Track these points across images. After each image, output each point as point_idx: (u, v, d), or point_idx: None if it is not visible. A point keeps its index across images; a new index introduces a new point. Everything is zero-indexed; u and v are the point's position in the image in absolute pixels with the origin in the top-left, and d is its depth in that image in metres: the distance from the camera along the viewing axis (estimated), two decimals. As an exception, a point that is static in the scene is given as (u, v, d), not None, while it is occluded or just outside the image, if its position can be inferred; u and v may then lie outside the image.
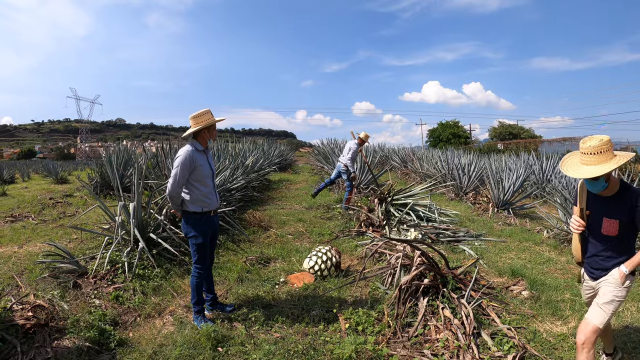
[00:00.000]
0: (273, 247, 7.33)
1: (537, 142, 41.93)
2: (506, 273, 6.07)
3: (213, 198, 4.47)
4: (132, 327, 4.42)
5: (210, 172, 4.45)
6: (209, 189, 4.41)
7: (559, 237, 7.96)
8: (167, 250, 6.01)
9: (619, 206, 3.03)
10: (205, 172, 4.35)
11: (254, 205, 11.08)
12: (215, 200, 4.51)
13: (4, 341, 3.69)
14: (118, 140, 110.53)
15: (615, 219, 3.04)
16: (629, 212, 2.99)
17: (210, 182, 4.45)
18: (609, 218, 3.07)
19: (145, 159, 9.69)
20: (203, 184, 4.34)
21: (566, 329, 4.43)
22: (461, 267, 5.46)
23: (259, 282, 5.64)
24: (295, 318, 4.61)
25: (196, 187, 4.31)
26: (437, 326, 4.25)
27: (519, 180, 11.42)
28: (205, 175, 4.36)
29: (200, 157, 4.33)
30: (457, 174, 13.94)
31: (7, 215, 9.08)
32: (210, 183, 4.44)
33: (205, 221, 4.39)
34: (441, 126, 57.84)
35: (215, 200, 4.52)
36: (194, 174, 4.27)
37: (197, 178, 4.30)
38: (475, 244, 7.65)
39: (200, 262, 4.43)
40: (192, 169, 4.25)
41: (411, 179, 17.96)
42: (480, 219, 10.15)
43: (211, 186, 4.45)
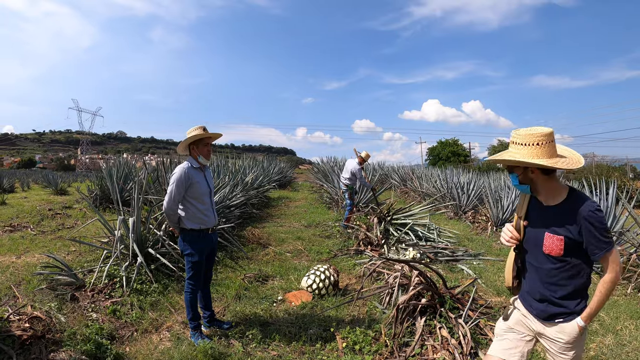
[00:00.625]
0: (271, 264, 7.32)
1: (537, 161, 41.98)
2: (504, 292, 6.06)
3: (210, 215, 4.45)
4: (129, 342, 4.41)
5: (208, 190, 4.44)
6: (206, 206, 4.39)
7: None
8: (166, 266, 6.01)
9: (564, 219, 2.36)
10: (201, 190, 4.33)
11: (253, 222, 11.09)
12: (213, 218, 4.50)
13: (0, 351, 3.69)
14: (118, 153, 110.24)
15: (559, 235, 2.36)
16: (577, 229, 2.32)
17: (208, 199, 4.43)
18: (551, 233, 2.39)
19: (145, 173, 9.72)
20: (200, 201, 4.33)
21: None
22: (459, 286, 5.45)
23: (257, 300, 5.63)
24: (292, 336, 4.60)
25: (192, 204, 4.29)
26: (434, 346, 4.24)
27: (519, 198, 11.42)
28: (202, 192, 4.34)
29: (197, 174, 4.33)
30: (456, 193, 13.97)
31: (6, 225, 9.09)
32: (208, 200, 4.43)
33: (203, 239, 4.38)
34: (440, 144, 57.98)
35: (213, 217, 4.50)
36: (190, 191, 4.26)
37: (194, 195, 4.29)
38: (473, 263, 7.65)
39: (194, 279, 4.41)
40: (188, 186, 4.24)
41: (410, 197, 17.99)
42: (479, 238, 10.15)
43: (208, 203, 4.43)
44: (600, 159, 34.33)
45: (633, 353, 4.21)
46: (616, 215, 7.48)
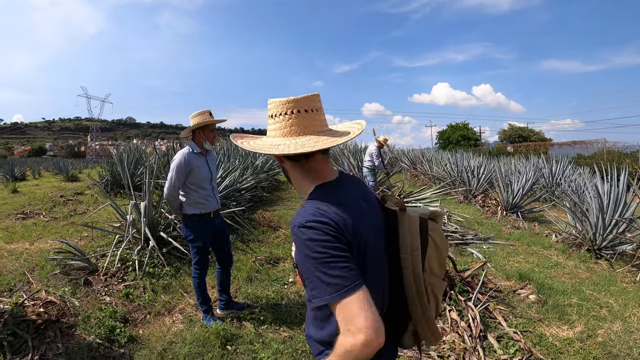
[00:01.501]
0: (282, 247, 7.38)
1: (547, 145, 41.69)
2: (514, 276, 6.07)
3: (212, 200, 4.42)
4: (142, 325, 4.48)
5: (209, 175, 4.39)
6: (207, 191, 4.37)
7: (568, 242, 7.94)
8: (177, 249, 6.07)
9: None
10: (202, 175, 4.30)
11: (264, 205, 11.13)
12: (215, 202, 4.47)
13: (16, 336, 3.76)
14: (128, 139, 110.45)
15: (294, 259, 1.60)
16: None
17: (209, 184, 4.39)
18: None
19: (155, 158, 9.77)
20: (200, 186, 4.30)
21: (572, 333, 4.44)
22: (469, 270, 5.47)
23: (268, 282, 5.69)
24: (303, 318, 4.64)
25: (193, 189, 4.27)
26: (443, 328, 4.27)
27: (529, 183, 11.37)
28: (203, 178, 4.31)
29: (198, 159, 4.30)
30: (467, 177, 13.91)
31: (18, 212, 9.18)
32: (209, 186, 4.39)
33: (204, 223, 4.36)
34: (451, 128, 57.70)
35: (215, 202, 4.47)
36: (190, 176, 4.24)
37: (194, 181, 4.26)
38: (483, 247, 7.66)
39: (199, 264, 4.43)
40: (188, 172, 4.22)
41: (420, 180, 17.96)
42: (489, 222, 10.13)
43: (209, 189, 4.40)
44: (612, 145, 33.98)
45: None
46: (627, 202, 7.43)
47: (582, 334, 4.40)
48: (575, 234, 7.78)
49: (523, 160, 18.61)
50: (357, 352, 1.31)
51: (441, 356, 3.88)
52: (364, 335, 1.28)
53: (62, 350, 3.74)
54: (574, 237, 7.80)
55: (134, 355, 3.84)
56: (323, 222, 1.40)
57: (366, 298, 1.34)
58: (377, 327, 1.31)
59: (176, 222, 6.55)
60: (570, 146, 38.58)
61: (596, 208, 7.32)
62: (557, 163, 15.76)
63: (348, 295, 1.32)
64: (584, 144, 37.73)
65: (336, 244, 1.38)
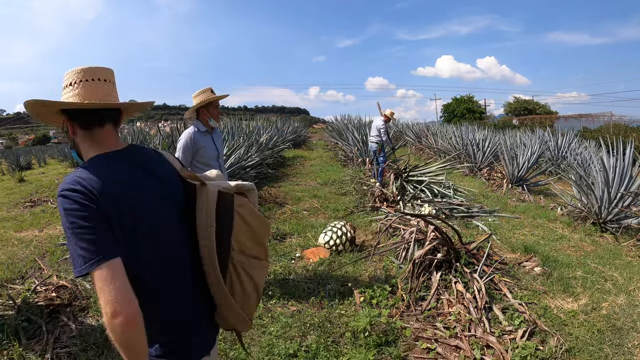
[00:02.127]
0: (289, 223, 7.45)
1: (553, 118, 41.40)
2: (519, 249, 6.12)
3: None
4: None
5: (216, 154, 4.38)
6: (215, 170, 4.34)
7: (573, 215, 7.96)
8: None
9: None
10: (209, 154, 4.29)
11: (269, 182, 11.19)
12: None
13: (30, 322, 3.85)
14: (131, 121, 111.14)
15: None
16: None
17: (216, 162, 4.36)
18: None
19: (160, 139, 9.80)
20: (207, 165, 4.24)
21: (577, 306, 4.48)
22: (474, 242, 5.52)
23: (276, 257, 5.76)
24: (311, 292, 4.72)
25: (200, 168, 4.21)
26: (449, 300, 4.34)
27: (534, 156, 11.37)
28: (209, 156, 4.30)
29: (204, 138, 4.28)
30: (472, 150, 13.92)
31: (26, 201, 9.29)
32: (216, 164, 4.35)
33: None
34: (455, 101, 57.28)
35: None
36: (197, 155, 4.23)
37: (201, 160, 4.24)
38: (488, 219, 7.70)
39: None
40: (195, 151, 4.20)
41: (425, 154, 17.96)
42: (494, 195, 10.17)
43: (217, 167, 4.32)
44: (618, 119, 33.70)
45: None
46: (632, 176, 7.40)
47: (586, 307, 4.44)
48: (581, 207, 7.80)
49: (528, 133, 18.54)
50: (115, 329, 1.28)
51: (447, 327, 3.95)
52: (110, 309, 1.27)
53: (75, 333, 3.81)
54: (580, 210, 7.82)
55: (146, 333, 3.92)
56: (75, 190, 1.35)
57: (113, 272, 1.31)
58: (122, 299, 1.29)
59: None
60: (576, 119, 38.33)
61: (602, 181, 7.32)
62: (562, 136, 15.72)
63: (95, 268, 1.29)
64: (590, 117, 37.47)
65: (85, 213, 1.33)
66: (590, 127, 32.36)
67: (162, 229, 1.55)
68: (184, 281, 1.61)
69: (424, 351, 3.68)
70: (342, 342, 3.75)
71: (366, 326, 3.74)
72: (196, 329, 1.63)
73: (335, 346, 3.63)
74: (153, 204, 1.54)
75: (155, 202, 1.56)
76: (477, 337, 3.77)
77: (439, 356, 3.61)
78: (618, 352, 3.65)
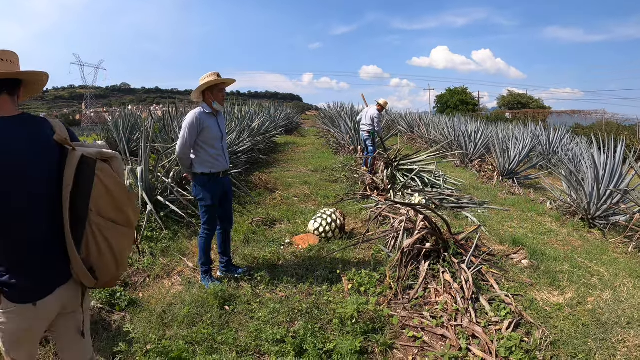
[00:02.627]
0: (279, 208, 7.44)
1: (546, 113, 41.55)
2: (507, 241, 6.15)
3: (222, 160, 4.47)
4: (142, 288, 4.55)
5: (219, 135, 4.45)
6: (218, 150, 4.42)
7: (562, 209, 8.01)
8: (175, 213, 6.12)
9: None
10: (212, 134, 4.36)
11: (260, 167, 11.18)
12: (225, 162, 4.51)
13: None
14: (123, 105, 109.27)
15: None
16: None
17: (219, 144, 4.44)
18: None
19: (151, 122, 9.75)
20: (211, 145, 4.36)
21: (563, 299, 4.52)
22: (463, 233, 5.54)
23: (265, 243, 5.76)
24: (299, 278, 4.73)
25: (204, 148, 4.33)
26: (437, 289, 4.36)
27: (525, 150, 11.42)
28: (213, 137, 4.37)
29: (209, 119, 4.35)
30: (464, 141, 13.95)
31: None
32: (219, 145, 4.44)
33: (214, 183, 4.42)
34: (449, 92, 57.29)
35: (224, 162, 4.51)
36: (201, 135, 4.31)
37: (205, 140, 4.32)
38: (478, 211, 7.73)
39: (208, 224, 4.50)
40: (200, 131, 4.28)
41: (417, 144, 17.99)
42: (485, 187, 10.21)
43: (220, 148, 4.45)
44: (611, 117, 33.87)
45: (629, 310, 4.28)
46: (622, 173, 7.46)
47: (572, 301, 4.48)
48: (570, 202, 7.86)
49: (521, 127, 18.60)
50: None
51: (434, 316, 3.98)
52: None
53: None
54: (569, 205, 7.88)
55: (135, 318, 3.91)
56: None
57: None
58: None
59: (184, 181, 6.60)
60: (569, 115, 38.49)
61: (592, 178, 7.36)
62: (555, 131, 15.81)
63: None
64: (583, 113, 37.65)
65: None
66: (582, 124, 32.52)
67: (29, 182, 1.81)
68: (37, 230, 1.86)
69: (410, 339, 3.70)
70: (329, 329, 3.76)
71: (354, 313, 3.75)
72: (38, 270, 1.87)
73: (323, 332, 3.64)
74: (29, 167, 1.81)
75: (30, 164, 1.82)
76: (464, 327, 3.79)
77: (425, 345, 3.64)
78: (602, 346, 3.69)
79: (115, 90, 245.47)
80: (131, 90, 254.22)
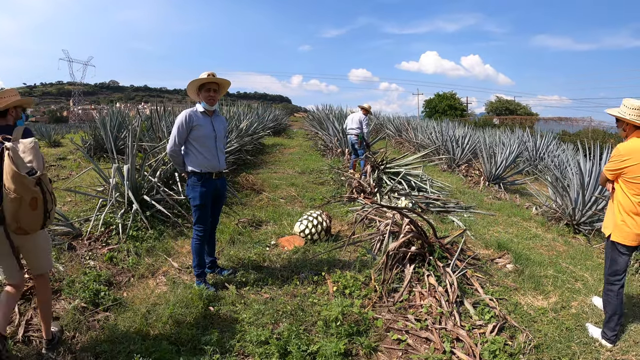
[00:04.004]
0: (265, 210, 7.43)
1: (533, 120, 41.87)
2: (492, 246, 6.18)
3: (214, 160, 4.41)
4: (126, 287, 4.51)
5: (212, 134, 4.40)
6: (209, 149, 4.36)
7: (547, 215, 8.08)
8: (161, 212, 6.07)
9: None
10: (204, 133, 4.32)
11: (248, 168, 11.15)
12: (217, 163, 4.44)
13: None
14: (111, 102, 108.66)
15: None
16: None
17: (212, 143, 4.39)
18: None
19: (139, 121, 9.68)
20: (201, 144, 4.31)
21: (547, 303, 4.55)
22: (449, 237, 5.56)
23: (250, 244, 5.75)
24: (284, 280, 4.73)
25: (195, 147, 4.31)
26: (421, 293, 4.37)
27: (512, 155, 11.49)
28: (205, 135, 4.33)
29: (202, 118, 4.35)
30: (451, 146, 14.01)
31: (1, 179, 9.06)
32: (212, 144, 4.39)
33: (205, 182, 4.36)
34: (438, 97, 57.53)
35: (217, 162, 4.44)
36: (192, 133, 4.29)
37: (195, 138, 4.30)
38: (464, 215, 7.76)
39: (200, 224, 4.45)
40: (190, 129, 4.27)
41: (405, 148, 18.02)
42: (471, 192, 10.26)
43: (213, 147, 4.40)
44: (597, 124, 34.15)
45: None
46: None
47: (556, 305, 4.52)
48: (555, 208, 7.91)
49: (508, 132, 18.74)
50: None
51: (418, 319, 3.98)
52: None
53: (48, 316, 3.77)
54: (554, 211, 7.94)
55: (119, 318, 3.87)
56: None
57: None
58: None
59: (171, 181, 6.56)
60: (556, 122, 38.80)
61: (577, 184, 7.42)
62: (541, 138, 15.94)
63: None
64: (570, 121, 37.97)
65: None
66: (569, 131, 32.79)
67: None
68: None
69: (394, 342, 3.71)
70: (313, 331, 3.76)
71: (338, 315, 3.75)
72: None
73: (307, 334, 3.63)
74: None
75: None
76: (448, 330, 3.81)
77: (409, 347, 3.64)
78: (585, 350, 3.72)
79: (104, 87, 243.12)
80: (119, 87, 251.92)
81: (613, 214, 3.83)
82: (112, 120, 11.38)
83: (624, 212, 3.72)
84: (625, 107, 3.74)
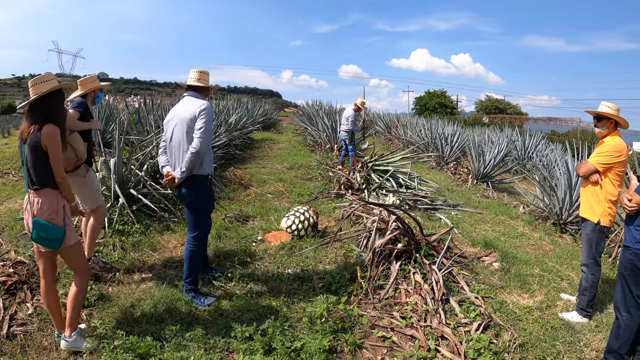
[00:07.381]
0: (252, 205, 7.40)
1: (523, 119, 42.18)
2: (479, 244, 6.20)
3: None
4: (112, 282, 4.45)
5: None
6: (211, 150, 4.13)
7: (535, 214, 8.12)
8: (147, 206, 6.01)
9: None
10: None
11: (236, 163, 11.11)
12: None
13: (-14, 297, 3.74)
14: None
15: None
16: None
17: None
18: None
19: (127, 114, 9.60)
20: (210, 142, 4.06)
21: (532, 302, 4.57)
22: (435, 234, 5.57)
23: (237, 240, 5.72)
24: (270, 276, 4.71)
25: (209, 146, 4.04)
26: (407, 290, 4.37)
27: (501, 154, 11.53)
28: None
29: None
30: (440, 143, 14.04)
31: (-14, 173, 8.94)
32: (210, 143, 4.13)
33: (210, 183, 4.16)
34: (428, 95, 57.75)
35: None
36: None
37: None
38: (451, 213, 7.78)
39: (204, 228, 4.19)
40: None
41: (394, 145, 18.06)
42: (459, 190, 10.29)
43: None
44: (586, 125, 34.47)
45: (597, 314, 4.36)
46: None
47: (542, 304, 4.54)
48: (543, 207, 7.96)
49: (497, 131, 18.80)
50: None
51: (403, 317, 3.98)
52: None
53: (32, 310, 3.74)
54: (541, 210, 7.98)
55: (103, 313, 3.83)
56: None
57: None
58: None
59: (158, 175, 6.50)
60: (545, 122, 39.14)
61: (565, 184, 7.46)
62: (530, 137, 16.02)
63: None
64: (559, 121, 38.32)
65: None
66: (558, 131, 33.08)
67: None
68: None
69: (379, 339, 3.71)
70: (298, 327, 3.75)
71: (323, 312, 3.74)
72: None
73: (292, 331, 3.62)
74: None
75: None
76: (433, 327, 3.81)
77: (394, 345, 3.64)
78: (570, 349, 3.74)
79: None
80: (109, 79, 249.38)
81: (597, 202, 4.17)
82: (100, 113, 11.27)
83: (610, 200, 4.12)
84: (607, 108, 4.09)
